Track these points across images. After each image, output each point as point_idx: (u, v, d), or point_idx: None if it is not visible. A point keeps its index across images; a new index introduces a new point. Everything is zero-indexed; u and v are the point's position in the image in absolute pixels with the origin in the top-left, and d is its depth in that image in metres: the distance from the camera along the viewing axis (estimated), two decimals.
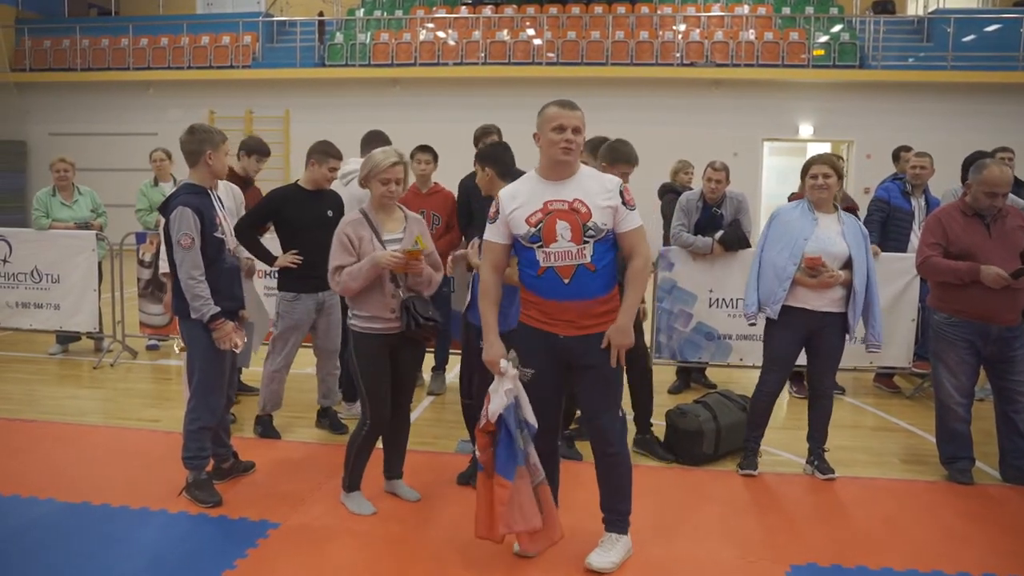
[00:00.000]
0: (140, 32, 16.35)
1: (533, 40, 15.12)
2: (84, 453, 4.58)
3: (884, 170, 7.45)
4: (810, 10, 15.34)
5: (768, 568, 3.36)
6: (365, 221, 3.75)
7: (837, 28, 14.83)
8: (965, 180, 5.13)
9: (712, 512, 3.92)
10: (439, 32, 15.58)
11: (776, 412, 4.76)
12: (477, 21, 15.74)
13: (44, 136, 16.32)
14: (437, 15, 16.28)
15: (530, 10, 15.94)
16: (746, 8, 15.53)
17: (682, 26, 15.25)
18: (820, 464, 4.38)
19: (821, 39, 14.49)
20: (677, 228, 5.77)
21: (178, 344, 7.04)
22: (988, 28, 14.14)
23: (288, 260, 4.61)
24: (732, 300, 5.87)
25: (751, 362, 5.94)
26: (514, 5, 16.19)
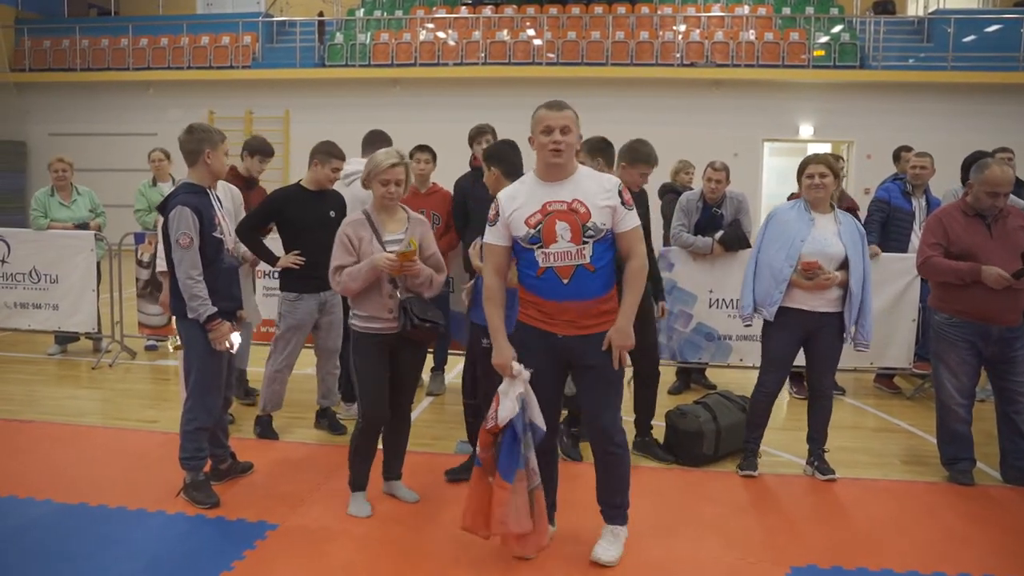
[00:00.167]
0: (140, 32, 16.34)
1: (533, 40, 15.11)
2: (82, 454, 4.57)
3: (884, 170, 7.43)
4: (810, 10, 15.33)
5: (768, 569, 3.35)
6: (366, 222, 3.76)
7: (837, 28, 14.83)
8: (965, 180, 5.13)
9: (712, 513, 3.90)
10: (439, 32, 15.57)
11: (776, 413, 4.75)
12: (477, 21, 15.74)
13: (44, 136, 16.32)
14: (437, 15, 16.28)
15: (530, 10, 15.93)
16: (746, 8, 15.52)
17: (682, 26, 15.25)
18: (820, 465, 4.37)
19: (821, 39, 14.48)
20: (677, 228, 5.76)
21: (172, 343, 7.03)
22: (988, 28, 14.13)
23: (290, 261, 4.61)
24: (732, 300, 5.86)
25: (751, 363, 5.92)
26: (514, 5, 16.18)
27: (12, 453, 4.54)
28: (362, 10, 16.85)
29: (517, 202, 3.20)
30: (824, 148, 14.31)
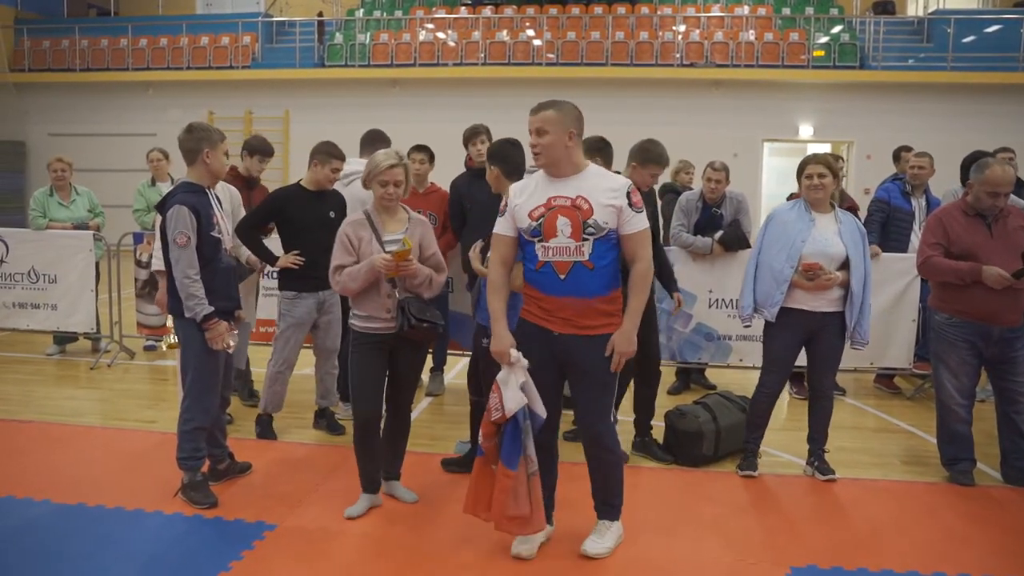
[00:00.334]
0: (139, 32, 16.33)
1: (533, 41, 15.10)
2: (81, 454, 4.55)
3: (884, 171, 7.43)
4: (810, 11, 15.33)
5: (768, 570, 3.34)
6: (367, 222, 3.77)
7: (837, 29, 14.83)
8: (964, 180, 5.12)
9: (712, 513, 3.89)
10: (439, 33, 15.56)
11: (776, 413, 4.74)
12: (477, 21, 15.73)
13: (43, 136, 16.30)
14: (437, 15, 16.27)
15: (530, 10, 15.93)
16: (746, 9, 15.52)
17: (682, 27, 15.24)
18: (820, 465, 4.36)
19: (821, 40, 14.48)
20: (677, 228, 5.75)
21: (165, 342, 7.03)
22: (988, 29, 14.13)
23: (289, 260, 4.61)
24: (732, 301, 5.85)
25: (751, 363, 5.92)
26: (514, 6, 16.18)
27: (10, 453, 4.52)
28: (361, 10, 16.85)
29: (524, 195, 3.25)
30: (824, 148, 14.30)
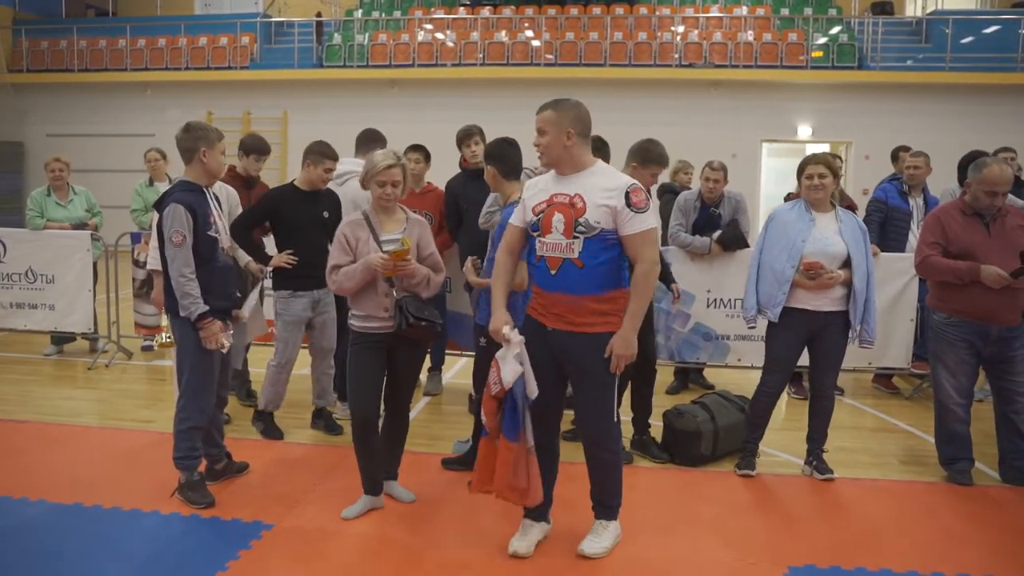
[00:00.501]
0: (138, 33, 16.31)
1: (531, 41, 15.10)
2: (78, 454, 4.54)
3: (882, 171, 7.43)
4: (809, 11, 15.33)
5: (766, 569, 3.33)
6: (364, 222, 3.78)
7: (836, 29, 14.84)
8: (962, 180, 5.12)
9: (710, 513, 3.89)
10: (437, 33, 15.56)
11: (775, 413, 4.73)
12: (475, 22, 15.72)
13: (41, 137, 16.27)
14: (435, 16, 16.26)
15: (528, 11, 15.92)
16: (744, 9, 15.52)
17: (680, 27, 15.24)
18: (818, 464, 4.35)
19: (820, 40, 14.48)
20: (675, 228, 5.75)
21: (158, 341, 7.02)
22: (986, 29, 14.13)
23: (283, 260, 4.61)
24: (730, 300, 5.85)
25: (749, 362, 5.92)
26: (512, 6, 16.17)
27: (7, 453, 4.51)
28: (360, 11, 16.83)
29: (535, 189, 3.33)
30: (822, 149, 14.31)
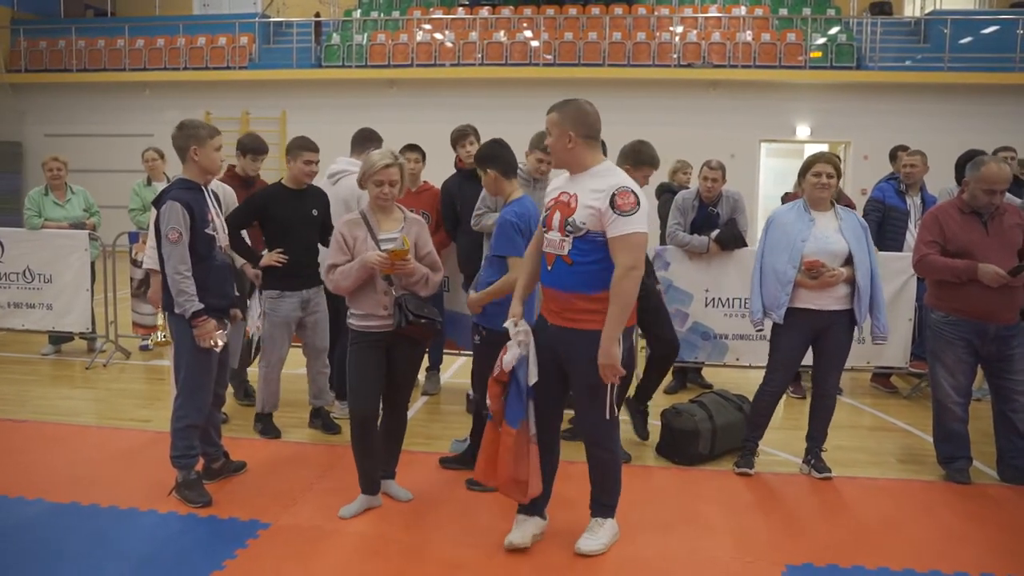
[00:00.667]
0: (136, 33, 16.29)
1: (530, 41, 15.09)
2: (75, 453, 4.54)
3: (881, 171, 7.42)
4: (807, 11, 15.33)
5: (764, 568, 3.33)
6: (362, 221, 3.78)
7: (834, 29, 14.84)
8: (959, 179, 5.13)
9: (708, 511, 3.89)
10: (436, 33, 15.55)
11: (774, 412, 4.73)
12: (474, 22, 15.71)
13: (40, 137, 16.25)
14: (434, 16, 16.25)
15: (527, 11, 15.92)
16: (743, 9, 15.52)
17: (679, 27, 15.23)
18: (816, 463, 4.35)
19: (818, 40, 14.48)
20: (673, 227, 5.75)
21: (153, 339, 7.01)
22: (985, 30, 14.13)
23: (273, 259, 4.59)
24: (728, 300, 5.84)
25: (747, 362, 5.92)
26: (511, 6, 16.17)
27: (5, 453, 4.51)
28: (359, 11, 16.82)
29: (552, 185, 3.47)
30: (821, 149, 14.30)
